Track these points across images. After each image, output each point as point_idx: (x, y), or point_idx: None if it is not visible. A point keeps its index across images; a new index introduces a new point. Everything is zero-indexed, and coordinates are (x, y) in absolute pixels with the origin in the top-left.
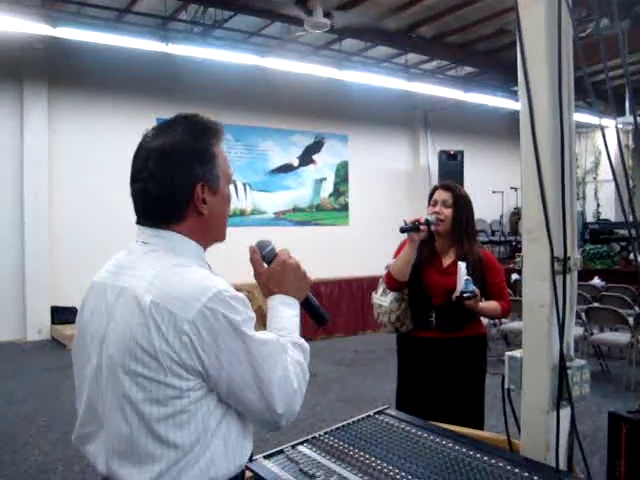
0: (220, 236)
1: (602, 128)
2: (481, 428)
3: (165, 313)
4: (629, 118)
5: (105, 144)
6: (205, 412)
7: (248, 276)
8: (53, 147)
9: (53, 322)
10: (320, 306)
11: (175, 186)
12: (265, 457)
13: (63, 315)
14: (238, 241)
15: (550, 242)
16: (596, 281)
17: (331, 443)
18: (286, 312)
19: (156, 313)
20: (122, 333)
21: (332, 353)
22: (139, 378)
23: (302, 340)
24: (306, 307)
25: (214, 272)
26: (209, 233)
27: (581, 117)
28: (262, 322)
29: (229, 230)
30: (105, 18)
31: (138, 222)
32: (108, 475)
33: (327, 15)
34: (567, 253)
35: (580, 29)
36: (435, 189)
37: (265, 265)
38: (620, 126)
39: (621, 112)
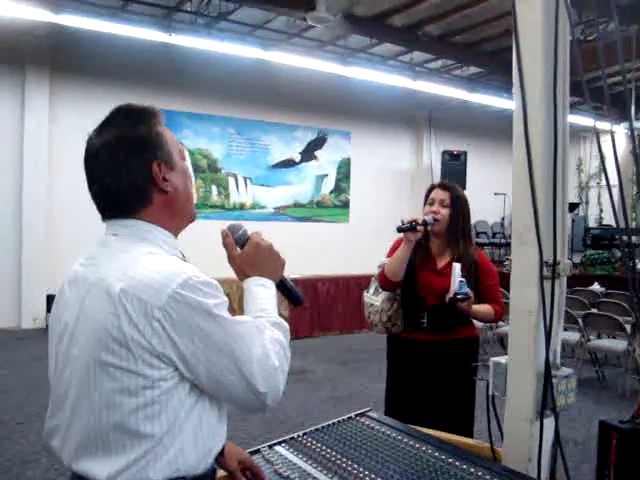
0: (189, 214)
1: (597, 133)
2: (470, 433)
3: (135, 301)
4: (635, 124)
5: None
6: (176, 403)
7: None
8: (53, 135)
9: (49, 310)
10: (295, 286)
11: (131, 173)
12: None
13: None
14: None
15: (539, 246)
16: (595, 287)
17: (309, 444)
18: (262, 293)
19: (126, 301)
20: (92, 324)
21: (326, 351)
22: (110, 368)
23: (281, 319)
24: (281, 288)
25: (186, 260)
26: (178, 211)
27: (588, 121)
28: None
29: (229, 224)
30: (109, 6)
31: (103, 219)
32: (74, 467)
33: (331, 10)
34: (557, 258)
35: (588, 32)
36: (432, 188)
37: (238, 249)
38: (625, 131)
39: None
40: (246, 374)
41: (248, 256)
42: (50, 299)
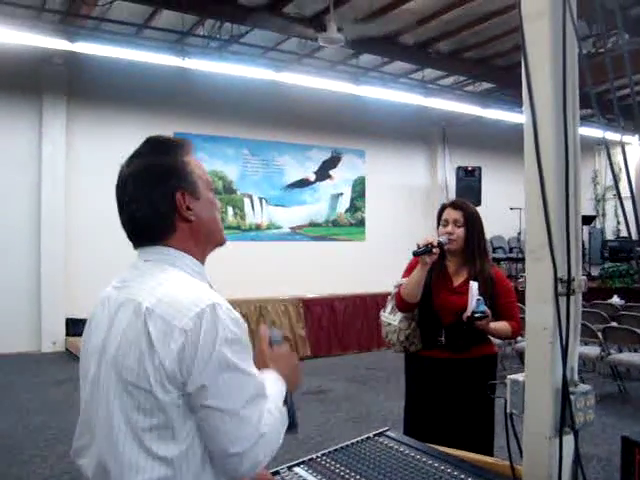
0: (217, 239)
1: (607, 144)
2: (490, 451)
3: (158, 320)
4: None
5: (121, 159)
6: (189, 431)
7: (262, 290)
8: (70, 161)
9: (68, 334)
10: (296, 411)
11: (156, 201)
12: None
13: (78, 327)
14: (254, 255)
15: (554, 262)
16: (615, 300)
17: (328, 465)
18: (275, 384)
19: (149, 319)
20: (118, 341)
21: (344, 370)
22: (129, 386)
23: (284, 410)
24: (286, 403)
25: (214, 288)
26: (202, 239)
27: (601, 133)
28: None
29: (245, 244)
30: (123, 33)
31: (135, 247)
32: None
33: (342, 30)
34: (571, 274)
35: (599, 45)
36: (444, 207)
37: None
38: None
39: None
40: (228, 424)
41: (276, 355)
42: (69, 323)
